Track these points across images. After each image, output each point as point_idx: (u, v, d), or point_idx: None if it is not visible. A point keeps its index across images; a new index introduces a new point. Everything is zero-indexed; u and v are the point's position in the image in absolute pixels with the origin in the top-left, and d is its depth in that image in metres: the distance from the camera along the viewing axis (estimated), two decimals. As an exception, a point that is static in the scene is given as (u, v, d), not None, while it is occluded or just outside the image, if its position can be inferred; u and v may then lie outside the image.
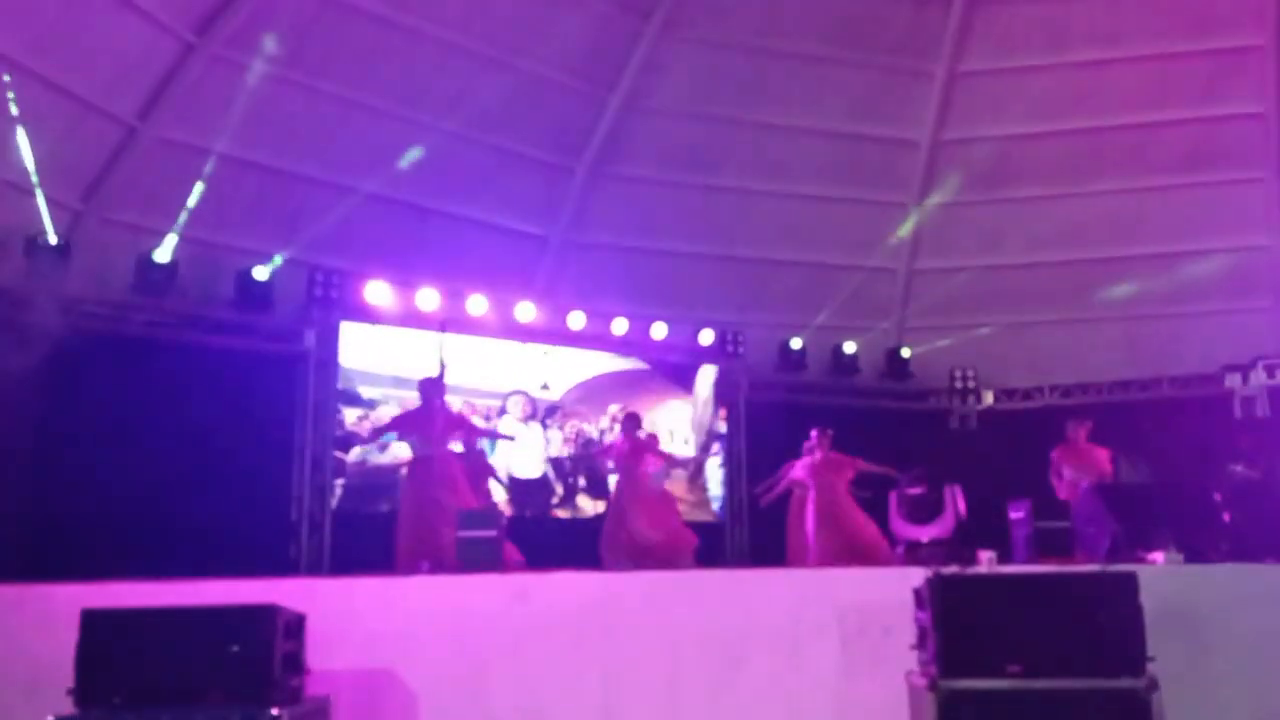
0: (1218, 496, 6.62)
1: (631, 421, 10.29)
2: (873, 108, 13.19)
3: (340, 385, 11.22)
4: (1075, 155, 13.15)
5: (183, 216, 10.23)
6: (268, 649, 4.85)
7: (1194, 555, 6.02)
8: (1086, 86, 12.86)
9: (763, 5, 12.40)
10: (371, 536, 9.85)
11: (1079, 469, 9.42)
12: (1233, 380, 13.52)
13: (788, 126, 13.10)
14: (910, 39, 12.88)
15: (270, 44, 10.18)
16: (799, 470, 10.00)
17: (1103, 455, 9.57)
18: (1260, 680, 5.46)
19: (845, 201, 13.64)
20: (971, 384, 14.44)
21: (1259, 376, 13.30)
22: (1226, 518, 6.48)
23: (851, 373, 14.24)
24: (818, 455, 9.85)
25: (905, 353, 14.35)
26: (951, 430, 14.45)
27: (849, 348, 14.15)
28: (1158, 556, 5.97)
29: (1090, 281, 13.43)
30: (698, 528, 10.76)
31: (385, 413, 10.98)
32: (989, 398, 14.47)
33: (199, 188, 10.22)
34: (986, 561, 6.00)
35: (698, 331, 13.35)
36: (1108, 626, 4.66)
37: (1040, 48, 12.84)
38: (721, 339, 13.57)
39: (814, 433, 10.01)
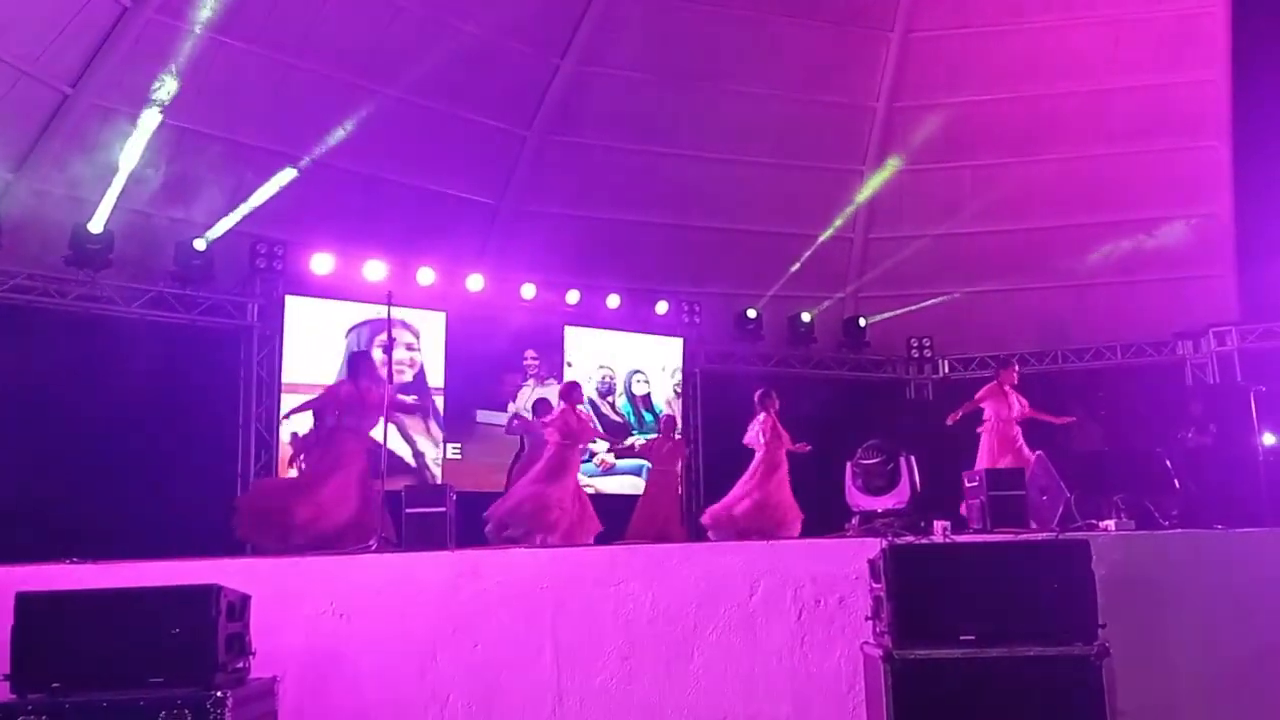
0: (1169, 463, 6.63)
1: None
2: (828, 73, 13.09)
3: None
4: (1031, 122, 13.13)
5: (118, 186, 9.86)
6: (210, 631, 4.69)
7: (1145, 522, 6.02)
8: (1042, 53, 12.83)
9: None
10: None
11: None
12: (1185, 347, 13.65)
13: (742, 92, 12.96)
14: (866, 3, 12.76)
15: (208, 7, 9.82)
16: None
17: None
18: (1210, 646, 5.47)
19: (800, 169, 13.54)
20: (928, 353, 14.47)
21: (1210, 343, 13.44)
22: (1178, 484, 6.50)
23: (808, 342, 14.22)
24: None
25: (862, 322, 14.33)
26: (908, 400, 14.48)
27: (805, 317, 14.12)
28: (1109, 524, 5.97)
29: (1045, 250, 13.45)
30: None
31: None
32: (945, 367, 14.49)
33: (135, 156, 9.86)
34: (941, 531, 5.97)
35: (653, 302, 13.25)
36: (1060, 594, 4.63)
37: (996, 13, 12.78)
38: (677, 309, 13.48)
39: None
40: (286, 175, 10.68)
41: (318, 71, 11.05)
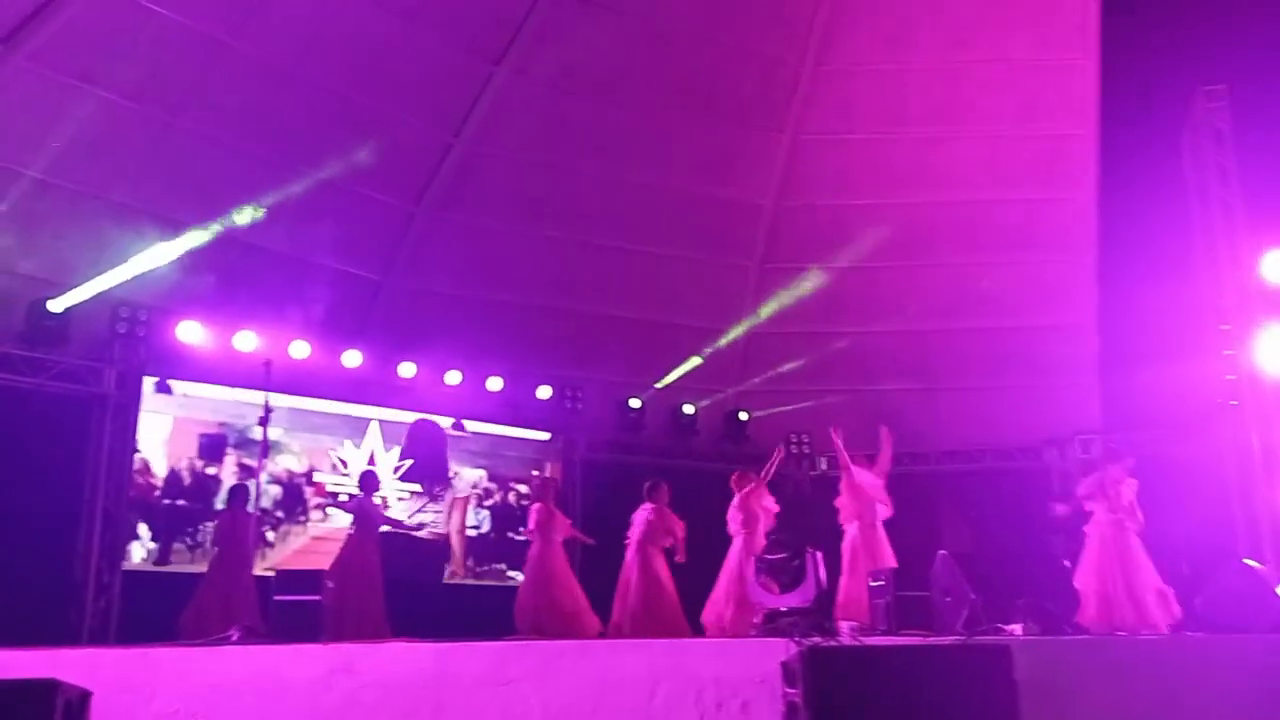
0: (1067, 564, 6.62)
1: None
2: (719, 168, 13.24)
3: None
4: (911, 228, 13.47)
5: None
6: (45, 733, 4.13)
7: (1050, 627, 5.95)
8: (923, 162, 13.27)
9: (612, 57, 12.26)
10: (170, 601, 8.90)
11: None
12: (1051, 455, 14.02)
13: (633, 180, 12.95)
14: (758, 102, 13.01)
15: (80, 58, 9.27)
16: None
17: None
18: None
19: (688, 260, 13.57)
20: (806, 449, 14.49)
21: (1075, 450, 13.82)
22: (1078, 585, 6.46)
23: (690, 434, 14.08)
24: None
25: (743, 416, 14.29)
26: (785, 495, 14.39)
27: (689, 409, 14.01)
28: (1016, 628, 5.87)
29: (922, 352, 13.74)
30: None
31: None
32: (822, 464, 14.51)
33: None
34: (848, 632, 5.76)
35: (535, 386, 12.94)
36: (980, 702, 4.45)
37: (881, 122, 13.19)
38: (560, 394, 13.20)
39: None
40: (160, 242, 10.04)
41: (200, 131, 10.51)
